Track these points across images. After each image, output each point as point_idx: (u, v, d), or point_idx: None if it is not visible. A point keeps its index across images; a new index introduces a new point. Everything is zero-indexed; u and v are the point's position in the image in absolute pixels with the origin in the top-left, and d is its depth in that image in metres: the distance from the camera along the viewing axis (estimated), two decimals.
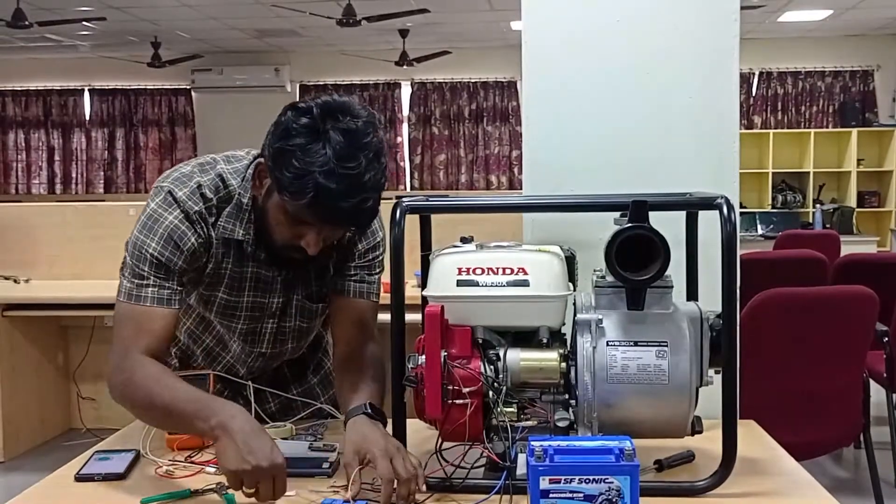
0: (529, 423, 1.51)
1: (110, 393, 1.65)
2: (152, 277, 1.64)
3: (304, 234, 1.59)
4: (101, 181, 11.98)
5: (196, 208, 1.65)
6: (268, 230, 1.66)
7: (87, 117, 12.00)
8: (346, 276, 1.79)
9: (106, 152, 11.99)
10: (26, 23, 7.92)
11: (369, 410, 1.60)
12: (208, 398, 1.56)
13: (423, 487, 1.44)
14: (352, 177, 1.48)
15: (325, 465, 1.60)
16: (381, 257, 1.81)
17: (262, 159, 1.61)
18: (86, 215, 5.13)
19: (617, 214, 1.57)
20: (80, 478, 1.60)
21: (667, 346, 1.47)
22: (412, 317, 1.49)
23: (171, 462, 1.65)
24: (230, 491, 1.50)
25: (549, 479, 1.34)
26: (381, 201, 1.65)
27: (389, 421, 1.55)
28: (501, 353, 1.50)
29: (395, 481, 1.42)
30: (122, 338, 1.63)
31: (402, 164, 11.67)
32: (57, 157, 12.02)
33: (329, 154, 1.47)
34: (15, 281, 4.94)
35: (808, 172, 10.27)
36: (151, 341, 1.62)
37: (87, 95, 11.96)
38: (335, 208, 1.50)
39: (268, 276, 1.77)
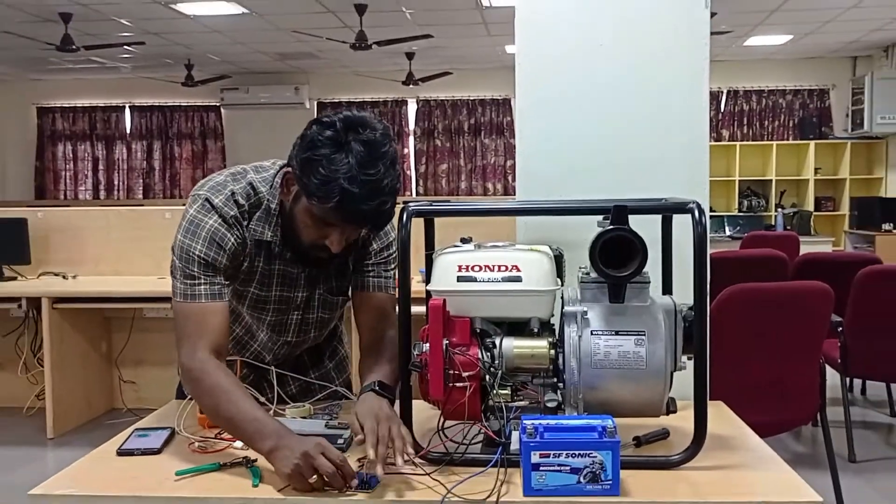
0: (522, 403, 1.51)
1: (182, 384, 1.67)
2: (202, 276, 1.64)
3: (328, 234, 1.60)
4: (141, 188, 11.98)
5: (231, 213, 1.66)
6: (295, 232, 1.66)
7: (128, 131, 11.99)
8: (365, 274, 1.81)
9: (144, 162, 11.99)
10: (74, 47, 7.93)
11: (377, 388, 1.62)
12: (264, 421, 1.51)
13: (410, 450, 1.44)
14: (372, 182, 1.50)
15: (340, 441, 1.60)
16: (394, 254, 1.82)
17: (289, 169, 1.62)
18: (127, 218, 5.12)
19: (600, 217, 1.56)
20: (121, 452, 1.61)
21: (644, 335, 1.46)
22: (417, 309, 1.49)
23: (202, 438, 1.65)
24: (256, 464, 1.50)
25: (540, 454, 1.34)
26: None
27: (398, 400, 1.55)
28: (497, 342, 1.50)
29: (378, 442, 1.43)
30: (187, 335, 1.63)
31: (408, 172, 11.65)
32: (101, 167, 12.01)
33: (352, 162, 1.49)
34: (63, 277, 4.94)
35: (771, 180, 10.26)
36: (212, 336, 1.62)
37: (127, 112, 11.95)
38: (358, 210, 1.52)
39: (293, 273, 1.77)
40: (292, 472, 1.40)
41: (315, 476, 1.39)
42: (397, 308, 1.54)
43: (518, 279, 1.49)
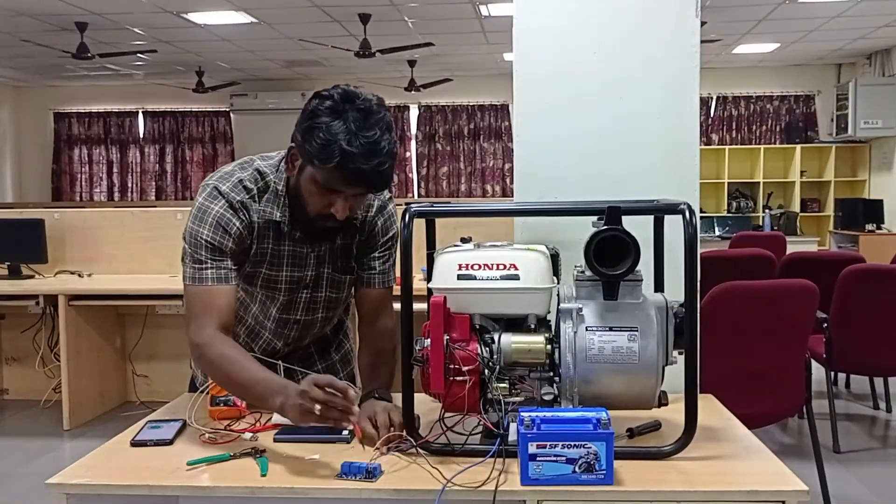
0: (519, 397, 1.51)
1: (192, 361, 1.73)
2: (209, 260, 1.67)
3: (333, 201, 1.61)
4: (153, 190, 11.97)
5: (238, 198, 1.68)
6: (302, 205, 1.68)
7: (141, 135, 11.98)
8: (370, 269, 1.83)
9: (157, 165, 11.98)
10: (89, 55, 7.93)
11: (376, 395, 1.70)
12: (271, 380, 1.57)
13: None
14: (370, 143, 1.54)
15: (345, 432, 1.60)
16: (395, 248, 1.85)
17: (293, 144, 1.64)
18: (140, 219, 5.12)
19: (594, 218, 1.56)
20: (134, 443, 1.61)
21: (637, 331, 1.46)
22: (419, 306, 1.49)
23: (213, 430, 1.65)
24: (264, 455, 1.51)
25: (537, 445, 1.34)
26: (394, 205, 1.76)
27: (398, 395, 1.55)
28: (496, 337, 1.50)
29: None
30: (195, 315, 1.67)
31: (410, 175, 11.65)
32: (115, 170, 12.01)
33: (350, 126, 1.54)
34: (79, 275, 4.94)
35: (759, 182, 10.25)
36: (219, 315, 1.66)
37: (140, 117, 11.95)
38: (358, 170, 1.54)
39: (302, 253, 1.78)
40: (301, 413, 1.45)
41: (318, 406, 1.44)
42: (399, 305, 1.54)
43: (516, 277, 1.49)
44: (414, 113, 11.62)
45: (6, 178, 11.81)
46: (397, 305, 1.57)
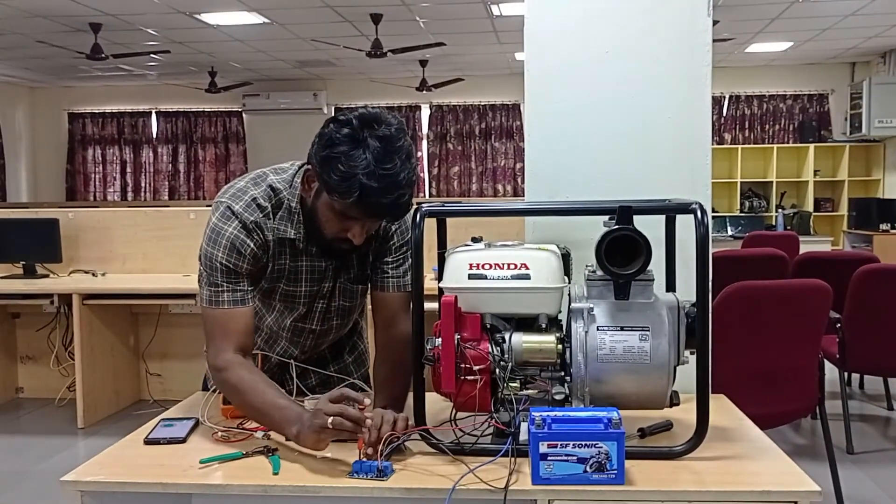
0: (533, 390, 1.51)
1: (212, 382, 1.71)
2: (225, 283, 1.65)
3: (350, 227, 1.61)
4: (166, 190, 12.03)
5: (252, 218, 1.66)
6: (318, 227, 1.66)
7: (154, 135, 12.05)
8: (384, 273, 1.80)
9: (170, 165, 12.05)
10: (102, 55, 7.97)
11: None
12: (288, 408, 1.55)
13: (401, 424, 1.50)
14: (390, 176, 1.50)
15: None
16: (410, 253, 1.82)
17: (309, 166, 1.62)
18: (153, 218, 5.15)
19: (606, 218, 1.56)
20: (148, 441, 1.61)
21: (649, 330, 1.46)
22: (430, 305, 1.49)
23: (225, 428, 1.66)
24: (277, 453, 1.51)
25: (548, 444, 1.34)
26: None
27: (410, 395, 1.56)
28: (507, 337, 1.50)
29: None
30: (213, 338, 1.66)
31: (421, 174, 11.66)
32: (129, 170, 12.08)
33: (369, 158, 1.50)
34: (93, 274, 4.97)
35: (772, 182, 10.20)
36: (237, 338, 1.65)
37: (154, 117, 12.01)
38: (377, 204, 1.52)
39: (321, 267, 1.77)
40: (316, 434, 1.45)
41: (330, 419, 1.43)
42: (411, 304, 1.54)
43: (527, 277, 1.49)
44: (425, 113, 11.62)
45: (21, 178, 11.90)
46: None
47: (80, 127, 12.05)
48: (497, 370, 1.47)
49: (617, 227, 1.46)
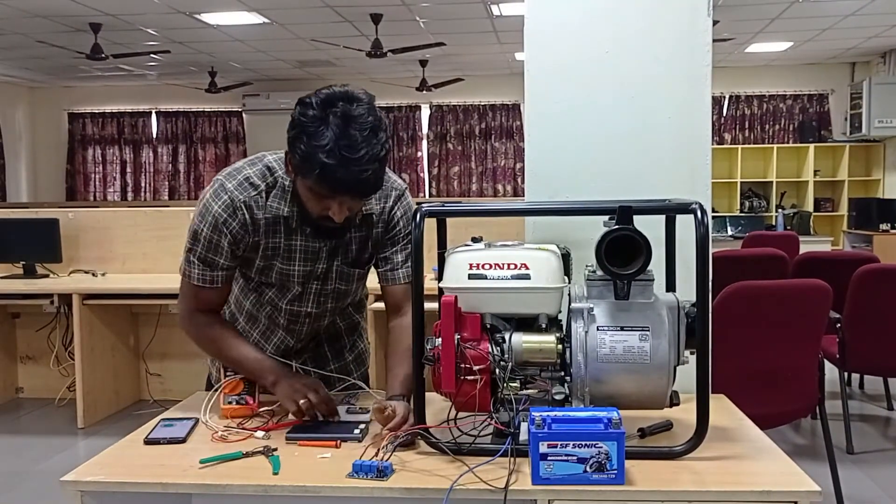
0: (533, 390, 1.51)
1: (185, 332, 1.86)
2: (201, 259, 1.75)
3: (328, 206, 1.63)
4: (166, 190, 12.04)
5: (241, 197, 1.70)
6: (303, 206, 1.70)
7: (154, 136, 12.05)
8: (393, 265, 1.84)
9: (170, 165, 12.05)
10: (103, 55, 7.97)
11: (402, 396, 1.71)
12: (263, 360, 1.78)
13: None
14: (349, 151, 1.53)
15: (357, 430, 1.60)
16: (403, 247, 1.86)
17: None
18: (153, 218, 5.15)
19: (606, 218, 1.56)
20: (148, 441, 1.62)
21: (649, 330, 1.46)
22: (430, 305, 1.49)
23: (225, 428, 1.66)
24: (276, 453, 1.51)
25: (548, 444, 1.34)
26: (410, 196, 1.85)
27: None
28: (507, 337, 1.50)
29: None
30: (185, 299, 1.82)
31: (421, 174, 11.66)
32: (129, 170, 12.09)
33: (330, 136, 1.53)
34: (93, 274, 4.97)
35: (772, 182, 10.20)
36: (207, 307, 1.83)
37: (154, 117, 12.02)
38: (337, 180, 1.55)
39: (314, 248, 1.78)
40: (291, 400, 1.67)
41: (304, 400, 1.65)
42: (412, 305, 1.53)
43: (527, 277, 1.49)
44: (425, 113, 11.63)
45: (21, 178, 11.91)
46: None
47: (80, 127, 12.05)
48: (497, 370, 1.47)
49: (617, 227, 1.46)
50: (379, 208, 1.80)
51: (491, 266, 1.50)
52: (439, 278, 1.57)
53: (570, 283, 1.58)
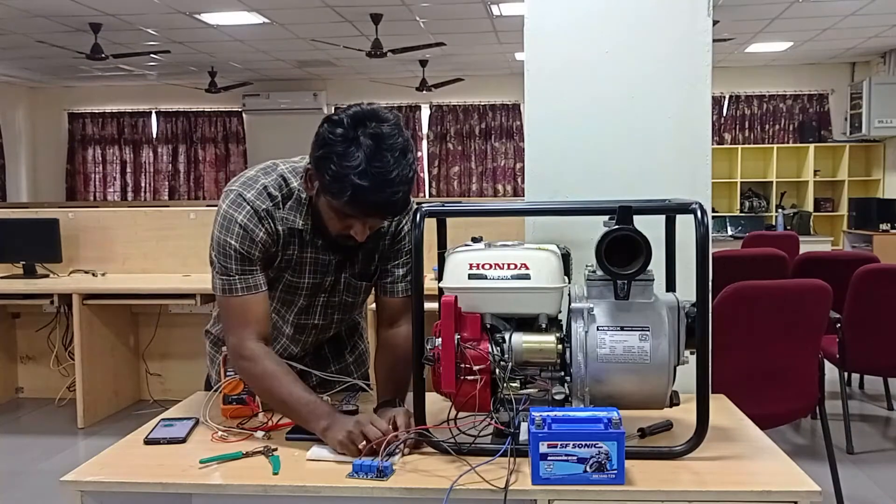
0: (531, 391, 1.51)
1: (234, 370, 1.74)
2: (239, 271, 1.65)
3: (351, 225, 1.61)
4: (166, 189, 12.03)
5: (263, 206, 1.65)
6: (322, 223, 1.67)
7: (154, 135, 12.05)
8: (393, 281, 1.81)
9: (170, 165, 12.04)
10: (103, 55, 7.97)
11: (395, 402, 1.70)
12: (316, 403, 1.60)
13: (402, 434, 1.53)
14: (382, 174, 1.50)
15: None
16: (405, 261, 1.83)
17: (310, 165, 1.62)
18: (153, 218, 5.15)
19: (606, 218, 1.56)
20: (147, 441, 1.62)
21: (649, 330, 1.46)
22: (430, 305, 1.49)
23: (225, 428, 1.66)
24: (276, 453, 1.51)
25: (548, 444, 1.34)
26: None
27: (410, 394, 1.56)
28: (507, 337, 1.50)
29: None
30: (233, 327, 1.68)
31: (421, 174, 11.65)
32: (129, 170, 12.08)
33: (361, 157, 1.50)
34: (93, 274, 4.97)
35: (772, 182, 10.20)
36: (256, 326, 1.67)
37: (154, 117, 12.01)
38: (369, 202, 1.53)
39: (325, 260, 1.77)
40: (344, 440, 1.49)
41: (364, 442, 1.47)
42: (412, 305, 1.54)
43: (527, 277, 1.49)
44: (425, 113, 11.62)
45: (21, 178, 11.90)
46: None
47: (80, 127, 12.05)
48: (497, 370, 1.47)
49: (617, 227, 1.46)
50: (389, 222, 1.77)
51: (491, 266, 1.50)
52: (439, 278, 1.57)
53: (570, 283, 1.58)
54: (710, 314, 1.50)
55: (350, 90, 11.34)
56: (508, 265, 1.49)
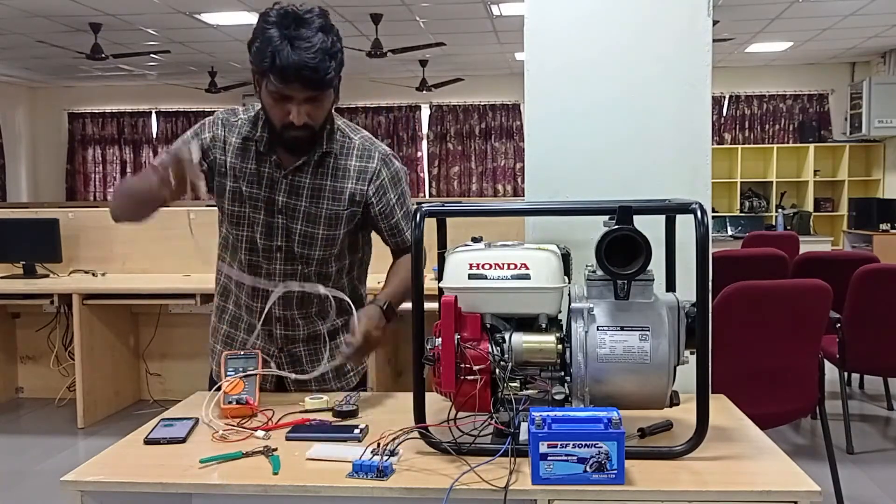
0: (533, 390, 1.51)
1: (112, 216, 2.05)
2: (186, 140, 1.89)
3: (289, 110, 1.75)
4: None
5: (223, 116, 1.94)
6: (269, 120, 1.82)
7: (154, 135, 12.05)
8: (399, 232, 1.97)
9: None
10: (103, 55, 7.98)
11: (379, 302, 1.88)
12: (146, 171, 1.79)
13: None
14: (298, 38, 1.69)
15: (357, 430, 1.61)
16: (407, 202, 1.99)
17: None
18: (153, 219, 5.13)
19: (606, 218, 1.56)
20: (147, 441, 1.62)
21: (649, 330, 1.46)
22: (430, 305, 1.49)
23: (226, 428, 1.66)
24: (276, 453, 1.51)
25: (548, 444, 1.34)
26: (401, 164, 1.98)
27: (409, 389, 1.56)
28: (507, 337, 1.50)
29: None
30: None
31: (421, 174, 11.66)
32: (129, 170, 12.08)
33: (283, 31, 1.70)
34: (93, 274, 4.97)
35: (772, 182, 10.21)
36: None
37: (154, 117, 12.02)
38: (287, 66, 1.68)
39: (276, 175, 1.89)
40: (158, 168, 1.68)
41: (172, 165, 1.64)
42: (412, 305, 1.54)
43: (527, 277, 1.49)
44: (425, 113, 11.63)
45: (21, 178, 11.90)
46: (407, 306, 1.57)
47: (80, 127, 12.05)
48: (497, 370, 1.47)
49: (617, 227, 1.46)
50: (356, 161, 1.91)
51: (491, 266, 1.50)
52: (439, 278, 1.57)
53: (569, 283, 1.58)
54: (710, 314, 1.50)
55: (350, 90, 11.28)
56: (508, 265, 1.49)
